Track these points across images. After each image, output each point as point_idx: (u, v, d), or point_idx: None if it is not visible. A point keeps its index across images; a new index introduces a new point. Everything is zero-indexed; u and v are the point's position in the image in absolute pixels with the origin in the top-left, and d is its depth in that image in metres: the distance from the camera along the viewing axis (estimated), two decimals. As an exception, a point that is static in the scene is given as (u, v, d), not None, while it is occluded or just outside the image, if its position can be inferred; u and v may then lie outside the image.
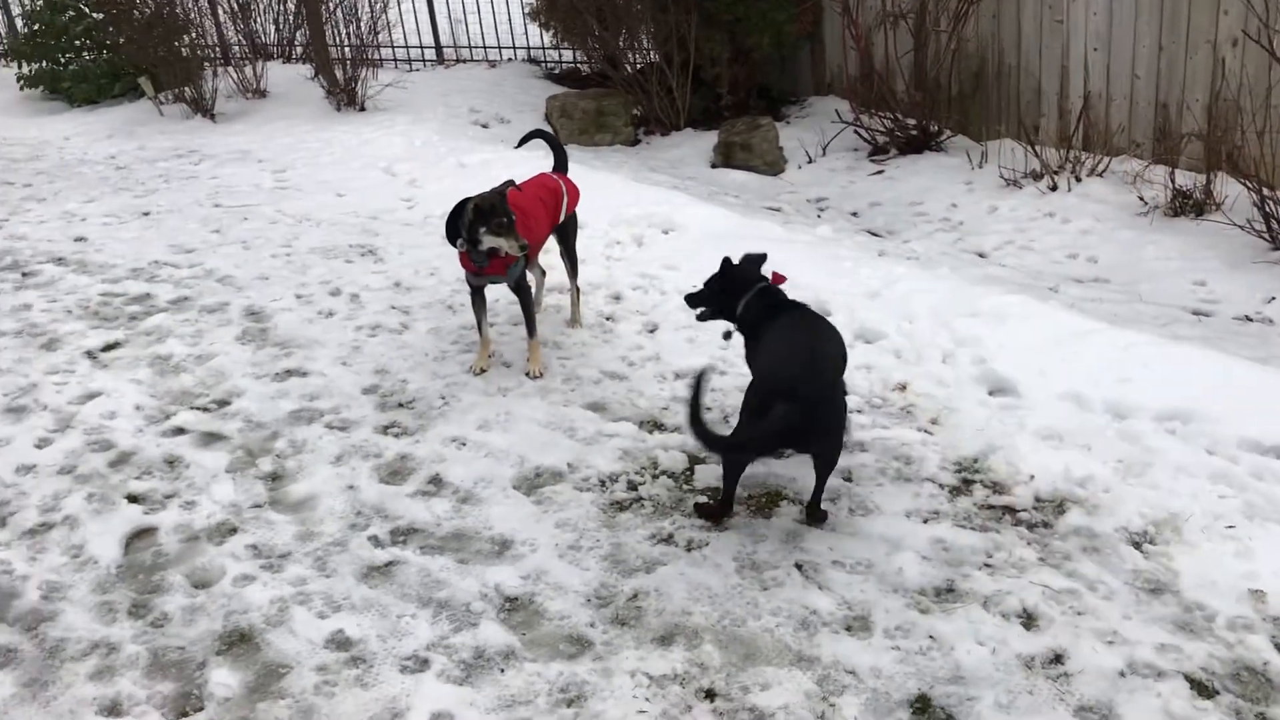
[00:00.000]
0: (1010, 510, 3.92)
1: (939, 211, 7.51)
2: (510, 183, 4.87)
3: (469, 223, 4.75)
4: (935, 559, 3.66)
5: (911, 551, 3.69)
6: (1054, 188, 7.33)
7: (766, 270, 4.31)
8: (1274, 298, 5.80)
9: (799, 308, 4.18)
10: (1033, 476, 4.07)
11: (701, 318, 4.42)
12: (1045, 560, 3.64)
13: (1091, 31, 7.55)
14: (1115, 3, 7.36)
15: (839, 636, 3.35)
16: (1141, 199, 6.89)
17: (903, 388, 4.74)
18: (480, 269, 4.92)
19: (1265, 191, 6.18)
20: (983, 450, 4.25)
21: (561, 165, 5.58)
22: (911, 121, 8.57)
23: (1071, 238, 6.79)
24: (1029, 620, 3.37)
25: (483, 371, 5.07)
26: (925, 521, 3.87)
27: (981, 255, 6.76)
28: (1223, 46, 6.78)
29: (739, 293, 4.22)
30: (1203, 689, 3.11)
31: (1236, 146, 6.47)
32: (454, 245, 4.92)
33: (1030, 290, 5.68)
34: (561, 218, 5.29)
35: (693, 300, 4.43)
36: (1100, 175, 7.32)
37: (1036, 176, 7.47)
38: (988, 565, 3.63)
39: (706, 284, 4.36)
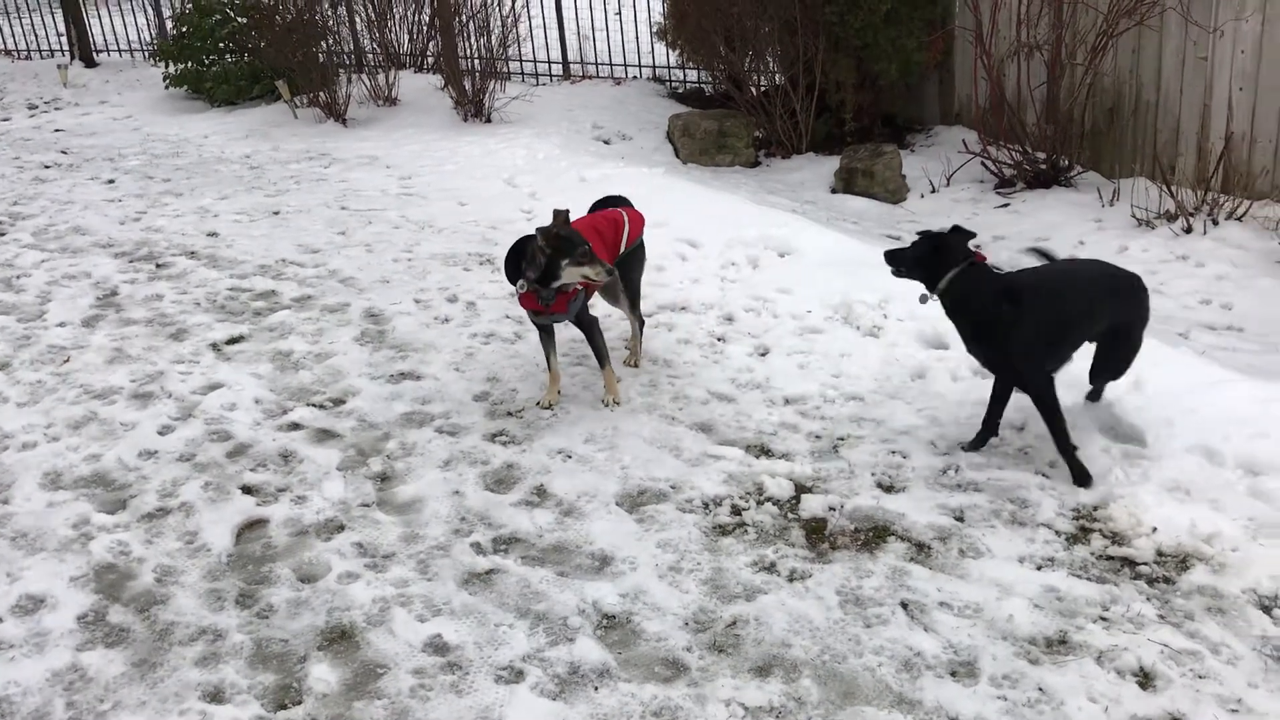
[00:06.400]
0: (1130, 563, 3.76)
1: (1066, 249, 7.28)
2: (565, 211, 4.58)
3: (546, 259, 4.50)
4: (1048, 608, 3.53)
5: (1023, 598, 3.56)
6: (1188, 230, 7.06)
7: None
8: None
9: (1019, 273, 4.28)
10: (1155, 529, 3.89)
11: (897, 274, 4.31)
12: (1165, 618, 3.47)
13: (1237, 70, 7.25)
14: (1265, 41, 7.07)
15: (943, 681, 3.24)
16: (1283, 246, 6.59)
17: (1020, 429, 4.59)
18: (547, 307, 4.68)
19: None
20: (1103, 498, 4.09)
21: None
22: (1041, 155, 8.35)
23: (1205, 283, 6.52)
24: (1145, 680, 3.22)
25: (550, 406, 4.91)
26: (1039, 568, 3.73)
27: (1108, 296, 6.54)
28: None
29: (947, 265, 4.13)
30: (1333, 768, 2.93)
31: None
32: (514, 286, 4.67)
33: (1159, 335, 5.45)
34: (622, 249, 5.02)
35: (892, 257, 4.32)
36: (1239, 220, 7.02)
37: (1171, 218, 7.20)
38: (1103, 619, 3.48)
39: (914, 245, 4.25)
